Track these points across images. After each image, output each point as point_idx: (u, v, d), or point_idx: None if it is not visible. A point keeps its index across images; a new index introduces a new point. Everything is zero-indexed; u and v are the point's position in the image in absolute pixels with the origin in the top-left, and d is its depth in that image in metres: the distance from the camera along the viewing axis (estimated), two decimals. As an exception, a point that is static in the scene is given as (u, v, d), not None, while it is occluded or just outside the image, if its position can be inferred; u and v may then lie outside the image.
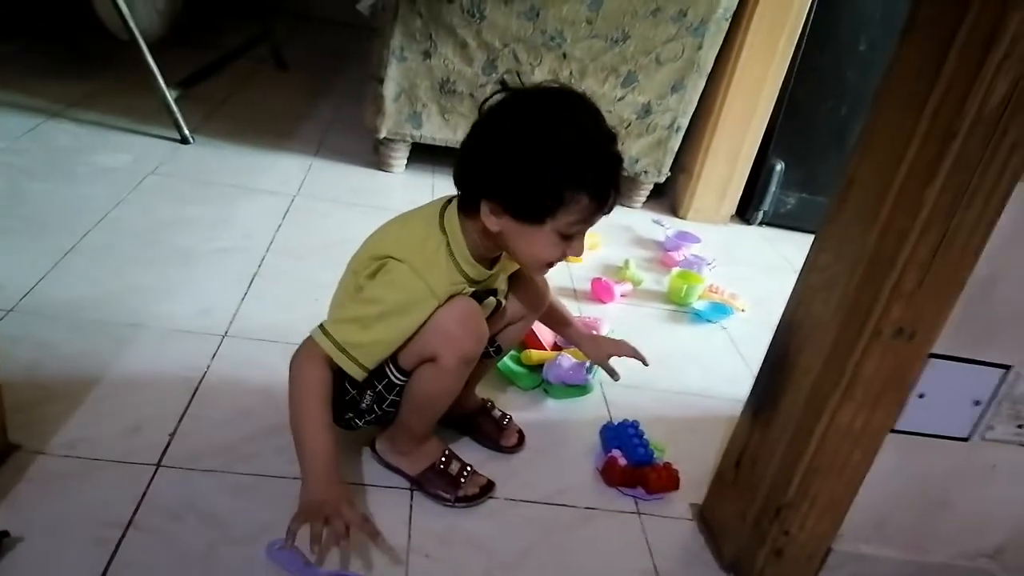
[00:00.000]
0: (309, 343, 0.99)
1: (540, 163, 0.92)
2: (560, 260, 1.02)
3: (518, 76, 1.00)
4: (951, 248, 0.81)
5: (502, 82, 0.99)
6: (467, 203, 1.00)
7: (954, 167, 0.77)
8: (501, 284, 1.12)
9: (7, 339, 1.03)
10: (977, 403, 0.95)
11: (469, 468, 1.13)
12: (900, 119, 0.82)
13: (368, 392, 1.05)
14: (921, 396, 0.93)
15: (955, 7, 0.76)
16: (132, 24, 2.09)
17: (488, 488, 1.14)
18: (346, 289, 1.07)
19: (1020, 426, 0.96)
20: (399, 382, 1.03)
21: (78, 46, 2.74)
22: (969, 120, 0.75)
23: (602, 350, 1.30)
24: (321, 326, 0.99)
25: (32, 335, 1.26)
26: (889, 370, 0.89)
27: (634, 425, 1.29)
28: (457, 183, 1.01)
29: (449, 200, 1.05)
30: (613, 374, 1.30)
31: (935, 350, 0.90)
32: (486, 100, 0.98)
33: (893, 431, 0.95)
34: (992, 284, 0.86)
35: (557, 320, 1.29)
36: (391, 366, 1.03)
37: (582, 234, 1.00)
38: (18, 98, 2.21)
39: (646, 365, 1.29)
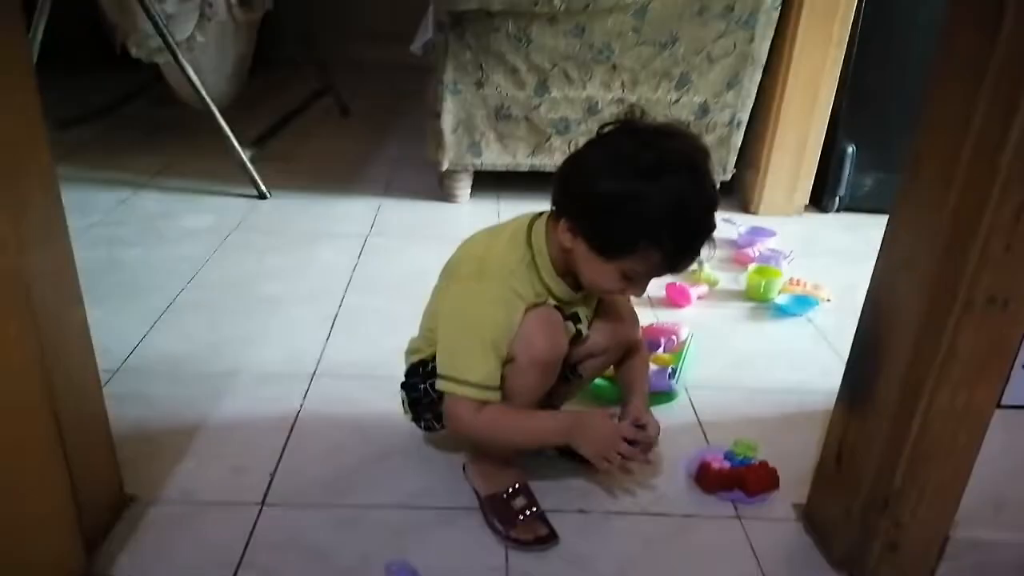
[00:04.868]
0: (454, 400, 1.02)
1: (625, 209, 0.94)
2: (619, 294, 1.10)
3: (642, 112, 1.02)
4: (1037, 207, 0.77)
5: (628, 110, 1.02)
6: (556, 214, 1.03)
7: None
8: (585, 312, 1.12)
9: (115, 398, 1.10)
10: (1091, 368, 0.89)
11: (534, 511, 1.08)
12: (961, 89, 0.79)
13: None
14: (1027, 367, 0.88)
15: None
16: (204, 93, 2.22)
17: (546, 540, 1.06)
18: (439, 296, 1.11)
19: None
20: None
21: (156, 119, 2.92)
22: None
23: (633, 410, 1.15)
24: (454, 379, 1.01)
25: (137, 392, 1.34)
26: (987, 342, 0.85)
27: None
28: (552, 194, 1.04)
29: (537, 215, 1.08)
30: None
31: (1036, 316, 0.85)
32: (605, 125, 1.01)
33: (1000, 406, 0.90)
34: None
35: (626, 378, 1.22)
36: None
37: (646, 282, 1.03)
38: (108, 174, 2.36)
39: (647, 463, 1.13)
